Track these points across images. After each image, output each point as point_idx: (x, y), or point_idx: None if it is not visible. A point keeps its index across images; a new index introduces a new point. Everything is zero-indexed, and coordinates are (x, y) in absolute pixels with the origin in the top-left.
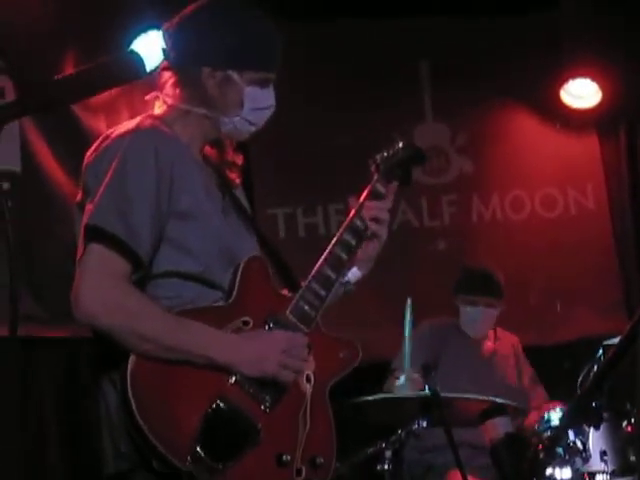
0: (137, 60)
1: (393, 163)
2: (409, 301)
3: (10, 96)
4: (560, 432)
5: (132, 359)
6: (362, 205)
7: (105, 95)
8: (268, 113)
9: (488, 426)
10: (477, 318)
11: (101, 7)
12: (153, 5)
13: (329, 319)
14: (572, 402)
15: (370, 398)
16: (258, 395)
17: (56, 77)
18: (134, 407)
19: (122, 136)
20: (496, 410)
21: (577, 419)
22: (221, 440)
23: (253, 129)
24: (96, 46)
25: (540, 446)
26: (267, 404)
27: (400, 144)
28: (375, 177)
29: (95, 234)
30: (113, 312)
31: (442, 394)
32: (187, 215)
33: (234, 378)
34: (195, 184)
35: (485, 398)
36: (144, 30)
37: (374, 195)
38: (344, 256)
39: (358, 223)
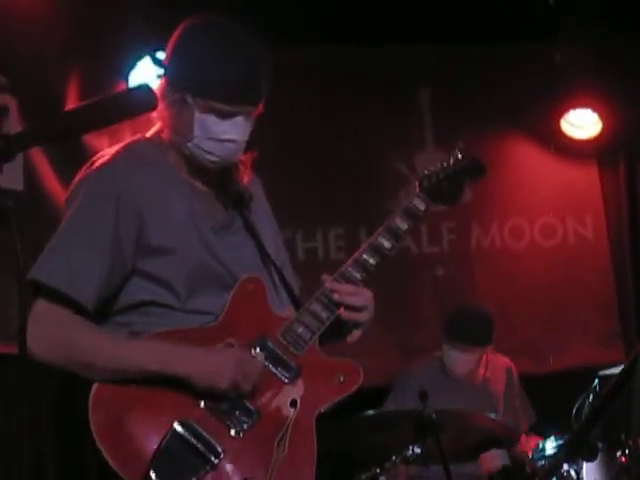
0: (148, 93)
1: (442, 177)
2: None
3: (14, 114)
4: (555, 464)
5: (95, 385)
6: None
7: None
8: (232, 147)
9: (484, 458)
10: (452, 361)
11: (103, 30)
12: (152, 28)
13: (329, 347)
14: (569, 436)
15: (366, 414)
16: (229, 420)
17: (68, 109)
18: (94, 430)
19: (91, 173)
20: (492, 442)
21: (573, 453)
22: (175, 465)
23: (212, 158)
24: (98, 66)
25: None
26: (238, 429)
27: (458, 154)
28: (416, 192)
29: (36, 289)
30: (57, 354)
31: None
32: (161, 250)
33: (203, 402)
34: (172, 213)
35: (482, 413)
36: (143, 54)
37: (408, 214)
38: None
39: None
